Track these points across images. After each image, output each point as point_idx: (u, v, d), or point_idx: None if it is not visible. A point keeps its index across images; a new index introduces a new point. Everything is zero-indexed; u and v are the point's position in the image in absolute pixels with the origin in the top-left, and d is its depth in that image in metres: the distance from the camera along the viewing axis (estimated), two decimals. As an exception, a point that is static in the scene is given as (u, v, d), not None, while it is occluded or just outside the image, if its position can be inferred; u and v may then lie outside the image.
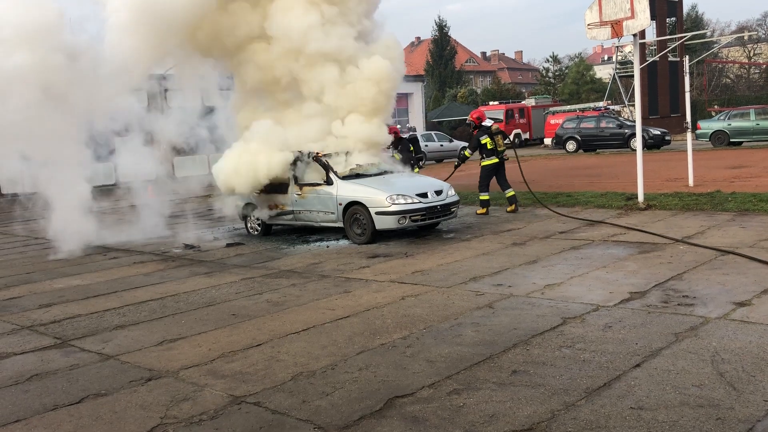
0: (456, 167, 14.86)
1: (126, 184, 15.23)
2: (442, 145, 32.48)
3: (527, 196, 14.03)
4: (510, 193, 13.34)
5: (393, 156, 13.64)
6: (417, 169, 14.59)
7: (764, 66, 53.76)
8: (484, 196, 13.30)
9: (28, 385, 5.40)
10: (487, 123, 13.49)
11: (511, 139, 15.66)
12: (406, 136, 15.45)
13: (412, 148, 14.70)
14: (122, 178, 15.64)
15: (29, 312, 7.90)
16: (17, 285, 9.59)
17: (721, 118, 28.38)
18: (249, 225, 12.74)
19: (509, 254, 9.25)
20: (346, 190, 11.04)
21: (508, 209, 13.25)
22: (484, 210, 13.29)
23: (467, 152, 13.94)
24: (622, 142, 28.97)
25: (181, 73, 12.98)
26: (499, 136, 13.35)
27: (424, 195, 10.93)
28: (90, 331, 6.84)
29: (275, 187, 12.02)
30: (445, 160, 32.24)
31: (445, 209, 11.21)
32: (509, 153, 13.65)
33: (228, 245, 11.74)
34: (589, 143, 30.15)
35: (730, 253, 8.24)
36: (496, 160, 13.23)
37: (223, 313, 7.20)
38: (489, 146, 13.17)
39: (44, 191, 12.45)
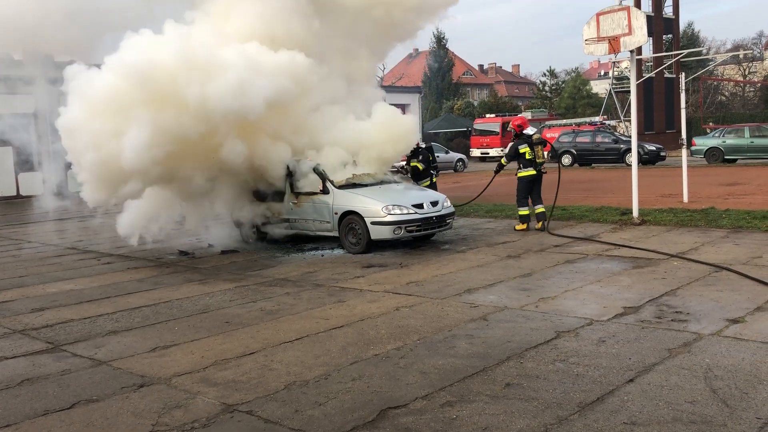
0: (494, 175, 13.98)
1: None
2: (438, 157, 32.49)
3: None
4: (540, 209, 12.47)
5: (414, 166, 13.42)
6: (435, 178, 14.21)
7: (759, 84, 54.16)
8: (523, 211, 12.39)
9: (19, 389, 5.37)
10: (529, 131, 12.66)
11: (554, 150, 14.69)
12: (423, 145, 14.70)
13: (430, 157, 14.29)
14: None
15: (21, 316, 7.86)
16: (10, 288, 9.54)
17: (716, 135, 28.57)
18: (244, 232, 12.71)
19: (504, 266, 9.26)
20: (343, 200, 11.05)
21: (537, 226, 12.32)
22: (524, 225, 12.30)
23: (503, 161, 12.93)
24: (618, 157, 29.12)
25: None
26: (540, 147, 12.46)
27: (419, 206, 10.95)
28: (82, 336, 6.81)
29: (271, 195, 12.04)
30: (441, 172, 32.29)
31: (441, 220, 11.22)
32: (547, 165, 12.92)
33: (222, 252, 11.71)
34: (585, 158, 30.27)
35: (724, 269, 8.27)
36: (534, 172, 12.33)
37: (216, 321, 7.18)
38: (528, 156, 12.29)
39: None
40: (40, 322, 7.49)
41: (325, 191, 11.27)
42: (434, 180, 14.10)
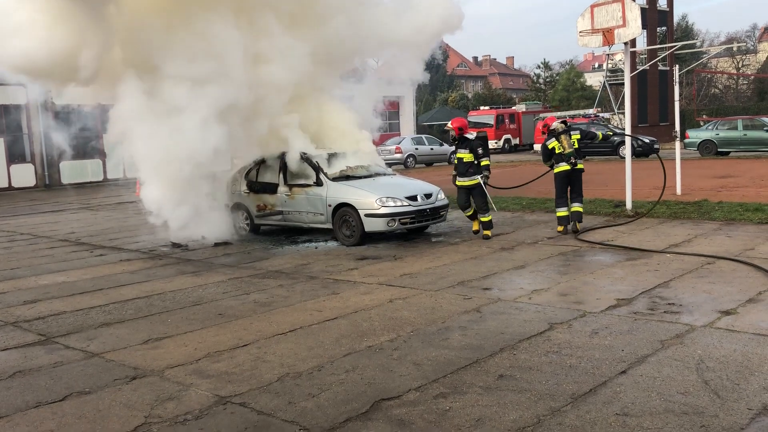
0: (545, 173, 12.60)
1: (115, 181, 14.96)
2: (432, 149, 32.55)
3: (519, 202, 14.03)
4: (576, 207, 11.03)
5: (460, 157, 10.90)
6: (483, 178, 10.95)
7: (752, 77, 54.29)
8: (559, 212, 11.01)
9: (11, 381, 5.34)
10: (555, 124, 11.26)
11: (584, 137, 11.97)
12: (471, 135, 11.28)
13: (481, 151, 11.03)
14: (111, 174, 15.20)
15: (13, 308, 7.82)
16: (1, 281, 9.49)
17: (710, 127, 28.61)
18: (237, 224, 12.69)
19: (497, 259, 9.27)
20: (336, 192, 11.03)
21: (576, 227, 10.93)
22: (561, 228, 10.92)
23: (546, 163, 11.60)
24: (611, 149, 29.12)
25: None
26: (564, 136, 10.96)
27: (413, 198, 10.94)
28: (75, 329, 6.79)
29: (264, 187, 12.02)
30: (435, 164, 32.32)
31: (435, 212, 11.21)
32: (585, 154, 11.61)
33: (216, 244, 11.68)
34: (579, 150, 30.25)
35: (720, 258, 8.30)
36: (567, 167, 10.99)
37: (209, 313, 7.16)
38: (557, 150, 11.05)
39: None
40: (32, 314, 7.46)
41: (318, 183, 11.25)
42: (479, 181, 10.83)
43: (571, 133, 11.09)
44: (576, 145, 11.06)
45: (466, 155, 10.87)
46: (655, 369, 4.88)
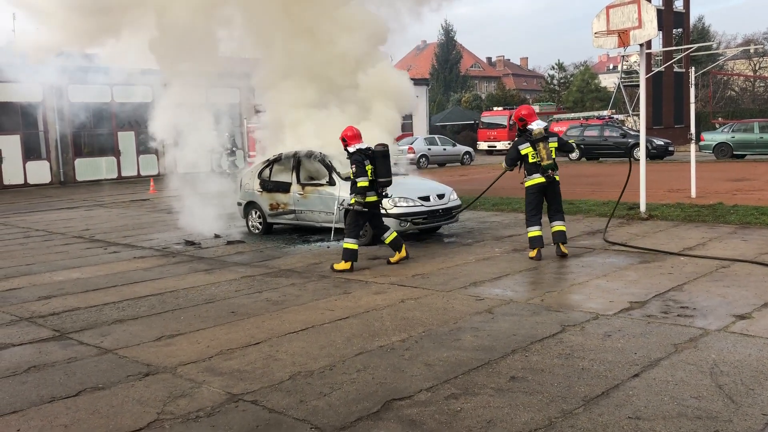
0: (497, 178, 11.12)
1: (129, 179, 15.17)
2: (445, 149, 32.54)
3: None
4: (558, 227, 9.30)
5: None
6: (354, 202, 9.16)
7: (769, 80, 53.77)
8: (532, 232, 9.26)
9: (26, 376, 5.40)
10: (534, 125, 9.29)
11: (563, 144, 9.69)
12: (353, 148, 9.22)
13: (355, 168, 9.04)
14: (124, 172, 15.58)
15: (28, 303, 7.90)
16: (17, 276, 9.59)
17: (725, 130, 28.40)
18: (250, 223, 12.74)
19: (510, 260, 9.24)
20: (349, 191, 11.01)
21: (562, 251, 9.23)
22: (534, 252, 9.18)
23: (503, 165, 9.90)
24: (625, 151, 28.99)
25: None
26: (542, 143, 9.12)
27: (426, 198, 10.92)
28: (89, 325, 6.84)
29: (277, 186, 12.05)
30: (448, 165, 32.30)
31: (447, 213, 11.20)
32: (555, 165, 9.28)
33: (228, 243, 11.74)
34: (592, 152, 30.17)
35: (735, 260, 8.23)
36: (542, 180, 9.23)
37: (222, 311, 7.20)
38: (531, 159, 9.22)
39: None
40: (46, 310, 7.53)
41: (331, 183, 11.26)
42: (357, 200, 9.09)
43: (550, 140, 9.24)
44: (554, 155, 9.23)
45: (351, 172, 9.28)
46: (668, 373, 4.85)
